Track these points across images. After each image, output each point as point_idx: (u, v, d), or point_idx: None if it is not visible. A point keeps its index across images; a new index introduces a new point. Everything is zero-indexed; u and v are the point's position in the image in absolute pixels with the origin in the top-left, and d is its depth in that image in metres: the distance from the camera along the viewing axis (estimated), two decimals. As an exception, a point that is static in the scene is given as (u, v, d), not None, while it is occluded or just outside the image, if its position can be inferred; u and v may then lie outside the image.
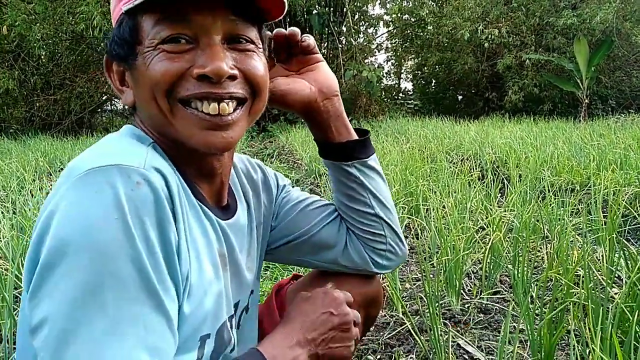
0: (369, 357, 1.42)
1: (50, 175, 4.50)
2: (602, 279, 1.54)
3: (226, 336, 0.71)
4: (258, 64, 0.68)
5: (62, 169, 4.97)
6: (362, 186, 0.88)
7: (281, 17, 0.71)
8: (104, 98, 12.08)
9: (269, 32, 0.79)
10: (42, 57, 10.62)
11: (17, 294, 1.88)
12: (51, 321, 0.50)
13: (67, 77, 10.33)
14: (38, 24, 9.01)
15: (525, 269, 1.65)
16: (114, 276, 0.51)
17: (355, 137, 0.88)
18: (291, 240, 0.91)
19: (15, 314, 1.53)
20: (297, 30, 0.81)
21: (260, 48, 0.70)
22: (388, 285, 1.71)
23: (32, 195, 3.28)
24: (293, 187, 0.97)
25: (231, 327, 0.73)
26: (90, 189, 0.53)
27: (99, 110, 12.40)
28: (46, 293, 0.51)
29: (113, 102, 12.88)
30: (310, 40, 0.84)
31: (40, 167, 4.94)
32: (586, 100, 9.13)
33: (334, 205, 0.93)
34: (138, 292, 0.53)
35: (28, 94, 10.40)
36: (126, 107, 0.70)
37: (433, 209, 2.35)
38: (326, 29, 11.24)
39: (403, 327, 1.55)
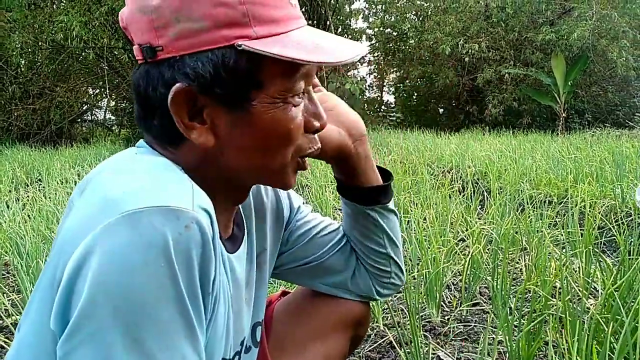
0: (350, 370, 1.42)
1: (28, 186, 4.41)
2: (579, 290, 1.57)
3: None
4: None
5: (39, 179, 4.88)
6: (380, 228, 0.86)
7: None
8: (84, 108, 11.95)
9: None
10: (21, 65, 10.48)
11: (-11, 308, 1.83)
12: None
13: (47, 86, 10.19)
14: (17, 32, 8.90)
15: (504, 280, 1.67)
16: (158, 323, 0.50)
17: (380, 180, 0.85)
18: (300, 265, 0.90)
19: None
20: None
21: None
22: (369, 298, 1.71)
23: (8, 206, 3.21)
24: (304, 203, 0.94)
25: None
26: (136, 232, 0.49)
27: (79, 120, 12.24)
28: (85, 340, 0.48)
29: (93, 112, 12.75)
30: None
31: (17, 177, 4.84)
32: (563, 114, 9.32)
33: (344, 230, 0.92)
34: (181, 336, 0.51)
35: (6, 103, 10.22)
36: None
37: (414, 221, 2.37)
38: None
39: (384, 339, 1.55)
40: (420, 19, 13.02)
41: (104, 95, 11.78)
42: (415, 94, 14.59)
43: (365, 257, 0.89)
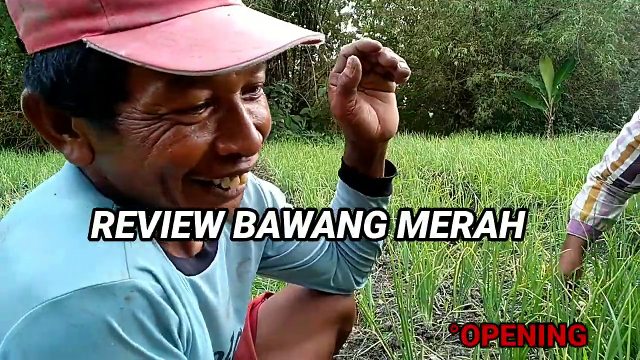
0: (342, 375, 1.41)
1: (14, 192, 4.35)
2: (569, 292, 1.57)
3: None
4: (267, 110, 0.55)
5: (26, 185, 4.82)
6: None
7: None
8: (72, 113, 11.85)
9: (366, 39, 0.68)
10: (7, 71, 10.38)
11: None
12: None
13: (34, 91, 10.10)
14: (3, 39, 8.82)
15: (495, 283, 1.67)
16: None
17: (383, 172, 0.83)
18: (285, 269, 0.89)
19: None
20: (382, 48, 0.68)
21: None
22: (361, 302, 1.71)
23: (-6, 213, 3.17)
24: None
25: None
26: (66, 322, 0.42)
27: (67, 125, 12.14)
28: None
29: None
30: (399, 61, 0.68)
31: (3, 183, 4.78)
32: (552, 118, 9.42)
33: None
34: None
35: (-8, 109, 10.11)
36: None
37: (405, 225, 2.36)
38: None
39: (376, 343, 1.55)
40: (410, 23, 13.11)
41: (92, 101, 11.69)
42: (405, 98, 14.67)
43: (354, 248, 0.89)
